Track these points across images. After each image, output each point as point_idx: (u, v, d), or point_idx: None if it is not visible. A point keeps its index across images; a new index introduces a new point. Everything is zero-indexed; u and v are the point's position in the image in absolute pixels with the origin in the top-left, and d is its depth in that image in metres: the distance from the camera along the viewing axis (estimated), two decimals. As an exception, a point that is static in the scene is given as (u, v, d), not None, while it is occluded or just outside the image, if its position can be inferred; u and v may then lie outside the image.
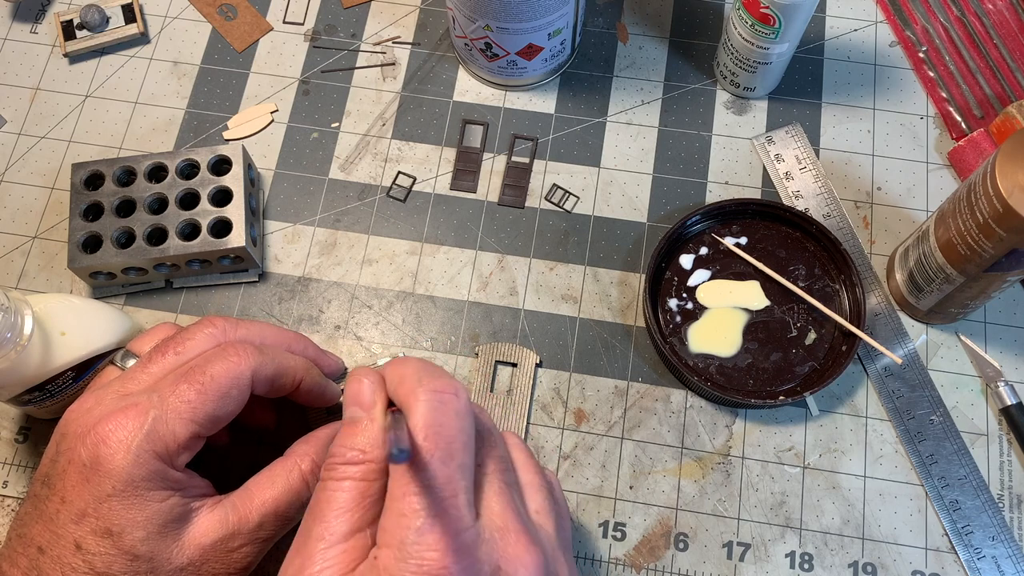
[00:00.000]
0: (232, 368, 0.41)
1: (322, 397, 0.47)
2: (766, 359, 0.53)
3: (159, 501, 0.39)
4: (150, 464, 0.38)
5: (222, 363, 0.41)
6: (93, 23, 0.62)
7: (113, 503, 0.38)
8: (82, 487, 0.38)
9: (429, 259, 0.57)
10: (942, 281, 0.50)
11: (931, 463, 0.52)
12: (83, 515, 0.38)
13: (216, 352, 0.41)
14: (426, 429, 0.33)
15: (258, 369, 0.42)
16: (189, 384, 0.40)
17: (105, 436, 0.38)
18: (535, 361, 0.54)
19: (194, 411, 0.39)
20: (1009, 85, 0.60)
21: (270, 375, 0.42)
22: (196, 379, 0.40)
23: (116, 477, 0.38)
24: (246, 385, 0.41)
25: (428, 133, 0.61)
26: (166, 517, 0.39)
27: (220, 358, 0.41)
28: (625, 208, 0.58)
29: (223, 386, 0.40)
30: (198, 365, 0.41)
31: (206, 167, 0.55)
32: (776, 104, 0.61)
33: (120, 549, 0.38)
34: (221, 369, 0.40)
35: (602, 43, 0.63)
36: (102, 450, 0.38)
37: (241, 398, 0.41)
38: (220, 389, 0.40)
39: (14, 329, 0.43)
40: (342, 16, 0.64)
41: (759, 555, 0.50)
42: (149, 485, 0.38)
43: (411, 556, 0.32)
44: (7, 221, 0.58)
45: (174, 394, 0.39)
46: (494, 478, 0.36)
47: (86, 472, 0.38)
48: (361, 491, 0.35)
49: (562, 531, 0.38)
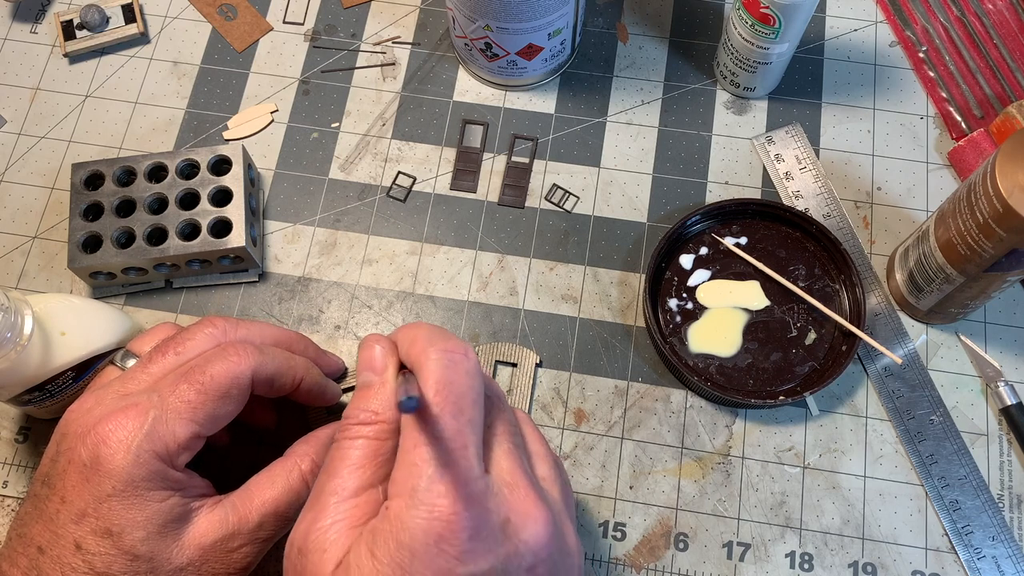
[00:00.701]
0: (232, 368, 0.41)
1: (322, 397, 0.47)
2: (766, 359, 0.53)
3: (159, 501, 0.39)
4: (150, 464, 0.38)
5: (222, 363, 0.41)
6: (93, 23, 0.62)
7: (113, 503, 0.38)
8: (82, 487, 0.38)
9: (429, 259, 0.57)
10: (942, 281, 0.50)
11: (931, 463, 0.52)
12: (83, 515, 0.38)
13: (216, 352, 0.41)
14: (436, 385, 0.34)
15: (258, 369, 0.42)
16: (189, 384, 0.40)
17: (105, 436, 0.38)
18: (535, 361, 0.54)
19: (194, 411, 0.39)
20: (1009, 85, 0.60)
21: (270, 375, 0.42)
22: (196, 379, 0.40)
23: (116, 477, 0.38)
24: (246, 385, 0.41)
25: (428, 133, 0.61)
26: (166, 517, 0.39)
27: (220, 358, 0.41)
28: (625, 208, 0.58)
29: (223, 386, 0.40)
30: (198, 365, 0.41)
31: (206, 167, 0.55)
32: (776, 104, 0.61)
33: (120, 549, 0.38)
34: (221, 369, 0.41)
35: (602, 43, 0.63)
36: (102, 450, 0.38)
37: (241, 398, 0.42)
38: (220, 389, 0.40)
39: (14, 329, 0.43)
40: (342, 16, 0.64)
41: (759, 555, 0.50)
42: (149, 485, 0.38)
43: (422, 503, 0.32)
44: (7, 221, 0.58)
45: (174, 394, 0.40)
46: (503, 439, 0.36)
47: (86, 472, 0.38)
48: (373, 449, 0.36)
49: (567, 500, 0.38)
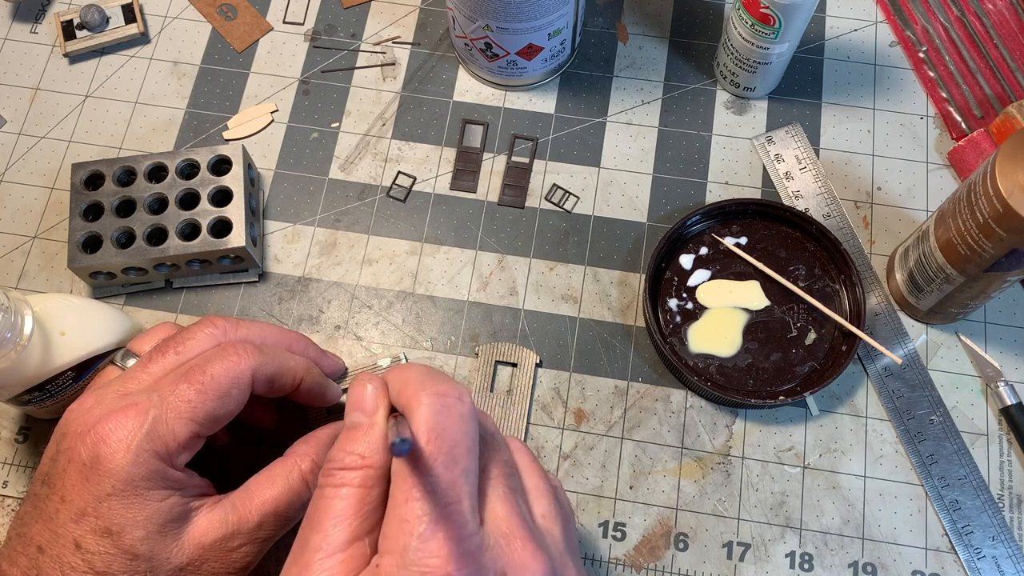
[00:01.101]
0: (232, 367, 0.41)
1: (322, 397, 0.47)
2: (766, 359, 0.53)
3: (159, 500, 0.39)
4: (150, 463, 0.38)
5: (222, 363, 0.41)
6: (93, 23, 0.62)
7: (113, 502, 0.38)
8: (82, 486, 0.38)
9: (429, 259, 0.57)
10: (942, 281, 0.50)
11: (931, 463, 0.52)
12: (83, 514, 0.38)
13: (216, 352, 0.41)
14: (429, 432, 0.32)
15: (258, 368, 0.42)
16: (189, 384, 0.40)
17: (105, 435, 0.38)
18: (535, 361, 0.54)
19: (194, 410, 0.40)
20: (1009, 85, 0.60)
21: (270, 375, 0.42)
22: (196, 379, 0.40)
23: (116, 476, 0.38)
24: (246, 385, 0.41)
25: (428, 133, 0.61)
26: (166, 516, 0.39)
27: (220, 358, 0.41)
28: (625, 208, 0.58)
29: (223, 386, 0.40)
30: (198, 365, 0.41)
31: (206, 167, 0.55)
32: (776, 104, 0.61)
33: (120, 548, 0.38)
34: (221, 368, 0.41)
35: (602, 43, 0.63)
36: (102, 449, 0.38)
37: (241, 398, 0.42)
38: (220, 389, 0.40)
39: (14, 329, 0.43)
40: (342, 16, 0.64)
41: (759, 555, 0.50)
42: (149, 484, 0.38)
43: (413, 563, 0.31)
44: (7, 221, 0.58)
45: (174, 393, 0.40)
46: (498, 483, 0.35)
47: (86, 471, 0.38)
48: (360, 498, 0.34)
49: (569, 535, 0.38)
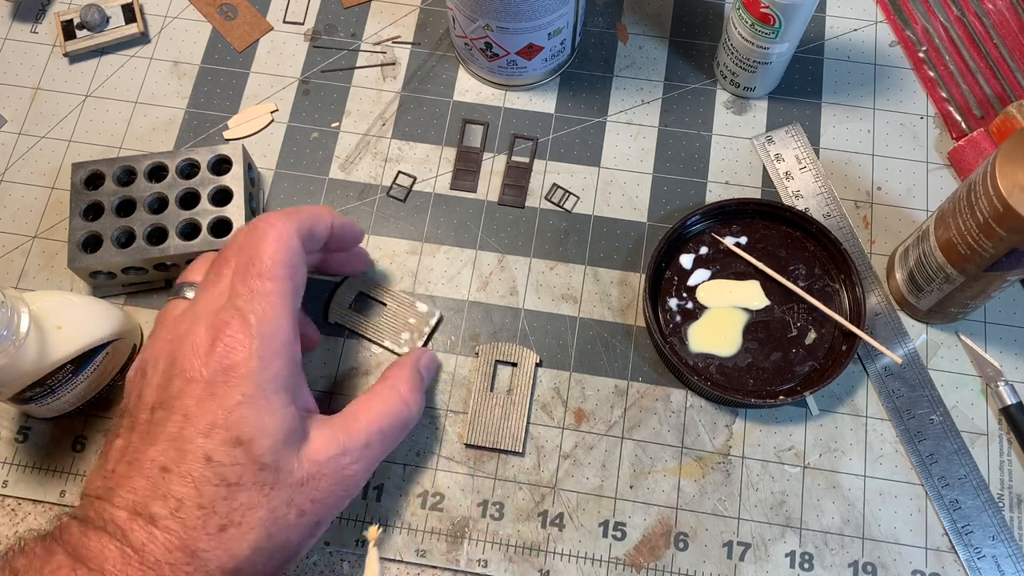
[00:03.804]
0: (278, 240, 0.42)
1: (355, 235, 0.50)
2: (766, 359, 0.53)
3: (283, 406, 0.40)
4: (273, 364, 0.40)
5: (267, 240, 0.42)
6: (93, 23, 0.62)
7: (244, 410, 0.39)
8: (208, 401, 0.39)
9: (429, 259, 0.57)
10: (942, 281, 0.50)
11: (931, 463, 0.52)
12: (212, 427, 0.39)
13: (253, 233, 0.43)
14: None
15: (299, 227, 0.44)
16: (259, 278, 0.41)
17: (228, 348, 0.40)
18: (535, 361, 0.54)
19: (281, 297, 0.42)
20: (1009, 85, 0.60)
21: (309, 227, 0.45)
22: (257, 271, 0.42)
23: (245, 382, 0.39)
24: (299, 249, 0.43)
25: (428, 133, 0.61)
26: (289, 425, 0.40)
27: (262, 237, 0.43)
28: (625, 208, 0.58)
29: (284, 262, 0.42)
30: (249, 259, 0.42)
31: (206, 167, 0.55)
32: (776, 104, 0.61)
33: (250, 457, 0.39)
34: (271, 249, 0.42)
35: (602, 43, 0.63)
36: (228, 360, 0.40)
37: (302, 262, 0.44)
38: (285, 266, 0.42)
39: (10, 326, 0.43)
40: (342, 16, 0.64)
41: (759, 555, 0.50)
42: (275, 386, 0.40)
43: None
44: (7, 221, 0.58)
45: (254, 294, 0.41)
46: None
47: (211, 387, 0.39)
48: None
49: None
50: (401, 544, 0.50)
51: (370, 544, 0.45)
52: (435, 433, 0.53)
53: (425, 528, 0.51)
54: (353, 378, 0.54)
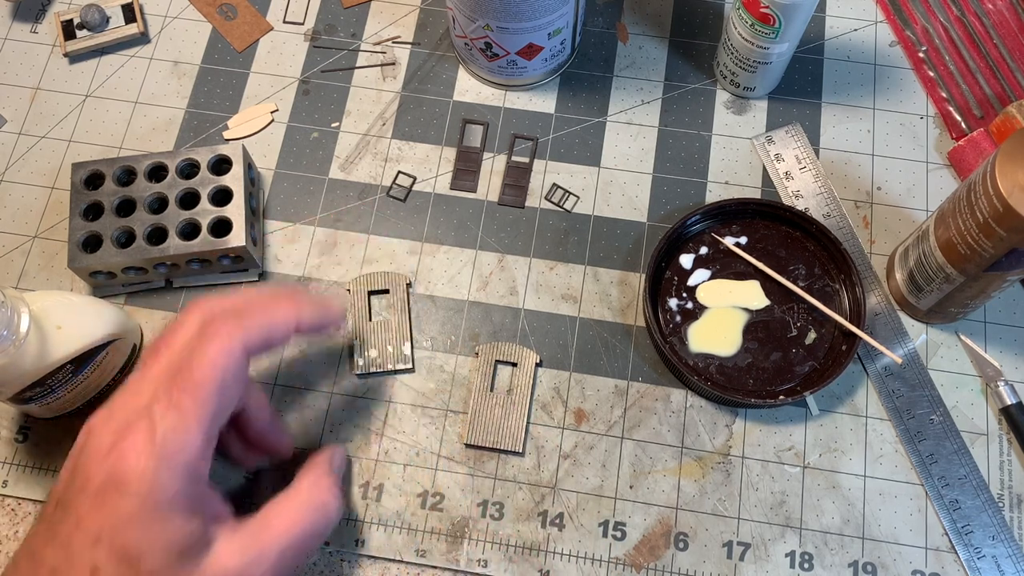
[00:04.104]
0: (218, 353, 0.39)
1: (326, 325, 0.46)
2: (766, 359, 0.53)
3: (179, 524, 0.38)
4: (168, 481, 0.38)
5: (207, 352, 0.39)
6: (93, 23, 0.62)
7: (133, 525, 0.37)
8: (97, 511, 0.37)
9: (429, 259, 0.57)
10: (942, 281, 0.50)
11: (931, 463, 0.52)
12: (99, 539, 0.37)
13: (199, 339, 0.40)
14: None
15: (247, 340, 0.40)
16: (182, 389, 0.39)
17: (121, 455, 0.37)
18: (535, 361, 0.54)
19: (198, 415, 0.39)
20: (1009, 85, 0.60)
21: (263, 338, 0.41)
22: (187, 381, 0.39)
23: (135, 498, 0.37)
24: (241, 363, 0.40)
25: (428, 133, 0.61)
26: (186, 541, 0.38)
27: (204, 346, 0.40)
28: (625, 208, 0.58)
29: (216, 377, 0.39)
30: (185, 364, 0.39)
31: (206, 167, 0.55)
32: (776, 104, 0.61)
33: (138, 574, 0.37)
34: (207, 359, 0.39)
35: (602, 43, 0.63)
36: (119, 469, 0.37)
37: (241, 376, 0.41)
38: (215, 381, 0.39)
39: (10, 326, 0.43)
40: (342, 16, 0.64)
41: (759, 555, 0.50)
42: (169, 504, 0.38)
43: None
44: (7, 221, 0.58)
45: (172, 403, 0.38)
46: None
47: (102, 495, 0.37)
48: None
49: None
50: (401, 544, 0.50)
51: None
52: (435, 433, 0.53)
53: (425, 528, 0.51)
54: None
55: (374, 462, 0.52)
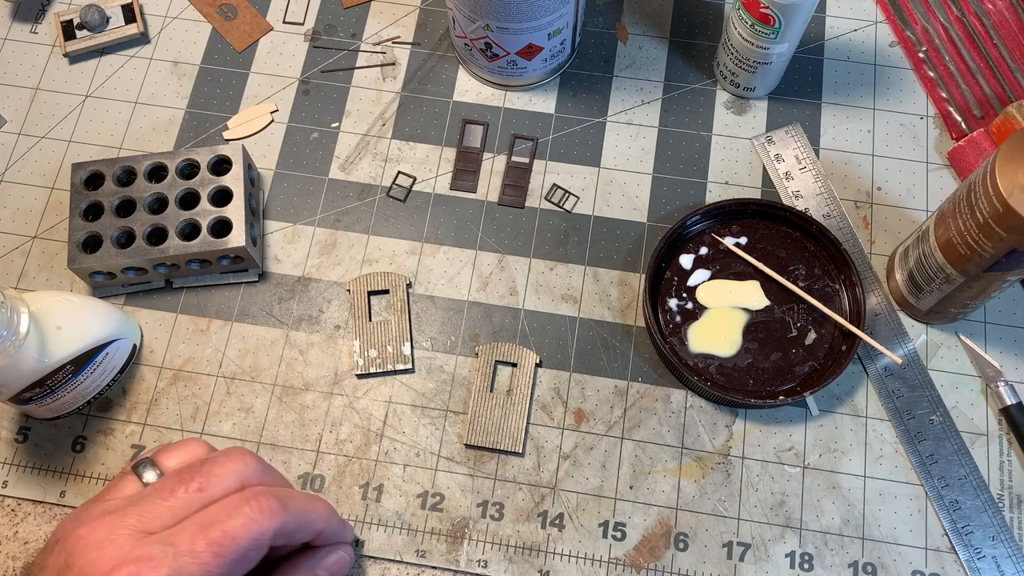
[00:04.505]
0: (254, 527, 0.39)
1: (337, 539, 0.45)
2: (766, 359, 0.53)
3: None
4: None
5: (244, 519, 0.38)
6: (93, 23, 0.62)
7: None
8: None
9: (429, 259, 0.57)
10: (942, 281, 0.50)
11: (931, 463, 0.52)
12: None
13: (239, 502, 0.39)
14: None
15: (280, 528, 0.40)
16: (208, 543, 0.37)
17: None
18: (535, 361, 0.54)
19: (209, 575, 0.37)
20: (1009, 85, 0.60)
21: (291, 531, 0.41)
22: (215, 537, 0.38)
23: None
24: (266, 545, 0.39)
25: (428, 133, 0.61)
26: None
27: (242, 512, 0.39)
28: (625, 208, 0.58)
29: (242, 548, 0.38)
30: (219, 519, 0.38)
31: (206, 167, 0.55)
32: (776, 104, 0.61)
33: None
34: (242, 527, 0.38)
35: (602, 43, 0.63)
36: None
37: (259, 557, 0.40)
38: (239, 551, 0.38)
39: (10, 326, 0.43)
40: (342, 16, 0.64)
41: (759, 555, 0.50)
42: None
43: None
44: (7, 221, 0.58)
45: (191, 552, 0.37)
46: None
47: None
48: None
49: None
50: (401, 544, 0.50)
51: None
52: (435, 433, 0.53)
53: (425, 528, 0.51)
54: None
55: (374, 462, 0.52)
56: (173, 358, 0.55)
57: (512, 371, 0.54)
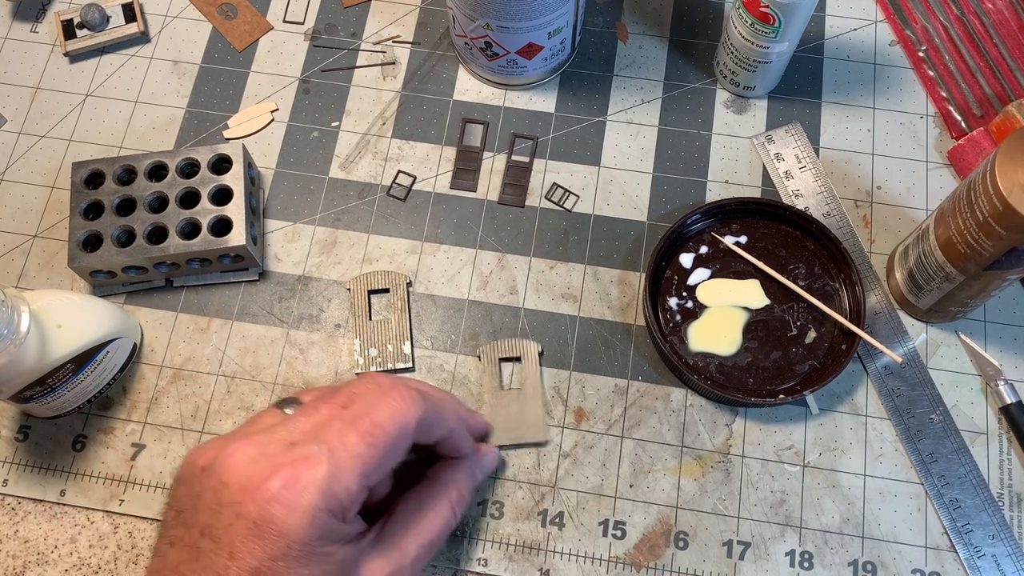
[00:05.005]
0: (399, 415, 0.40)
1: (459, 450, 0.47)
2: (766, 358, 0.53)
3: (332, 556, 0.38)
4: (325, 524, 0.37)
5: (388, 408, 0.40)
6: (93, 22, 0.62)
7: (289, 562, 0.37)
8: (253, 543, 0.37)
9: (429, 258, 0.57)
10: (942, 280, 0.50)
11: (931, 462, 0.52)
12: (257, 572, 0.36)
13: (380, 396, 0.40)
14: None
15: (422, 416, 0.41)
16: (359, 435, 0.39)
17: (277, 494, 0.37)
18: (537, 350, 0.54)
19: (365, 464, 0.38)
20: (1009, 84, 0.60)
21: (430, 422, 0.42)
22: (364, 428, 0.39)
23: (292, 537, 0.37)
24: (411, 433, 0.40)
25: (428, 132, 0.61)
26: (339, 570, 0.38)
27: (385, 402, 0.40)
28: (625, 207, 0.58)
29: (391, 436, 0.39)
30: (364, 411, 0.40)
31: (206, 166, 0.55)
32: (776, 103, 0.61)
33: None
34: (388, 415, 0.39)
35: (602, 42, 0.63)
36: (275, 509, 0.36)
37: (407, 446, 0.41)
38: (388, 439, 0.39)
39: (11, 325, 0.43)
40: (342, 15, 0.64)
41: (759, 553, 0.50)
42: (324, 542, 0.38)
43: None
44: (7, 220, 0.58)
45: (344, 446, 0.38)
46: None
47: (257, 530, 0.37)
48: None
49: None
50: (401, 543, 0.50)
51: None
52: (435, 432, 0.53)
53: (425, 527, 0.51)
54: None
55: (374, 461, 0.52)
56: (173, 357, 0.55)
57: (516, 366, 0.54)
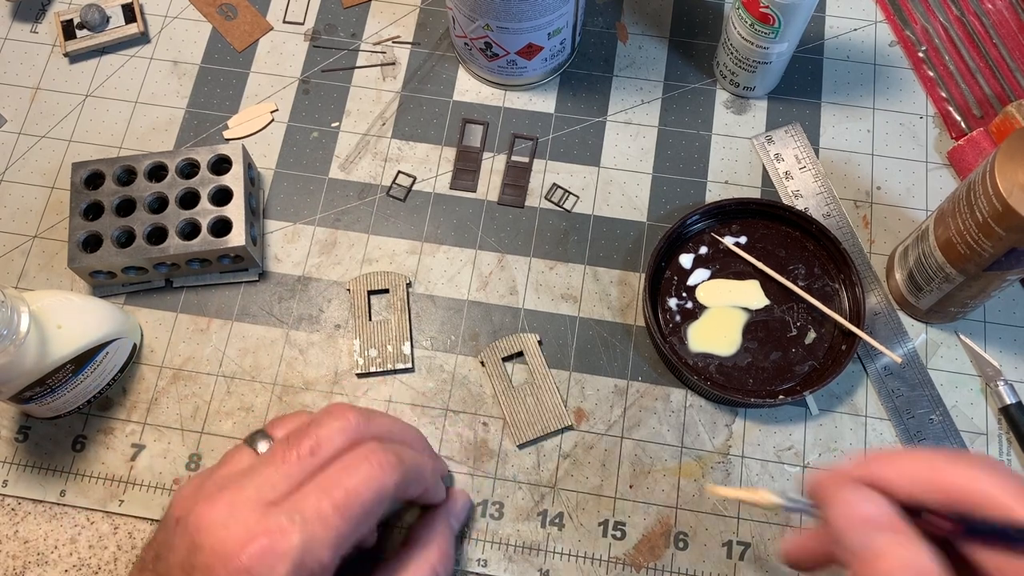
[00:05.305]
0: (375, 483, 0.39)
1: (433, 501, 0.47)
2: (766, 358, 0.53)
3: None
4: None
5: (364, 475, 0.39)
6: (93, 23, 0.62)
7: None
8: None
9: (429, 258, 0.57)
10: (942, 280, 0.50)
11: (931, 462, 0.52)
12: None
13: (356, 459, 0.39)
14: None
15: (400, 482, 0.40)
16: (333, 506, 0.38)
17: (249, 566, 0.36)
18: (536, 340, 0.54)
19: (339, 536, 0.38)
20: (1009, 85, 0.60)
21: (408, 485, 0.41)
22: (338, 499, 0.38)
23: None
24: (389, 499, 0.40)
25: (428, 132, 0.61)
26: None
27: (360, 468, 0.39)
28: (625, 207, 0.58)
29: (367, 504, 0.39)
30: (338, 479, 0.39)
31: (206, 166, 0.55)
32: (776, 104, 0.61)
33: None
34: (363, 483, 0.39)
35: (602, 43, 0.63)
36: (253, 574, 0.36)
37: (382, 512, 0.40)
38: (364, 508, 0.39)
39: (10, 325, 0.43)
40: (342, 16, 0.64)
41: (759, 554, 0.50)
42: None
43: None
44: (7, 221, 0.58)
45: (318, 517, 0.37)
46: None
47: None
48: None
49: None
50: (401, 543, 0.50)
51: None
52: (435, 432, 0.53)
53: (425, 527, 0.51)
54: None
55: (374, 462, 0.52)
56: (173, 357, 0.55)
57: (519, 364, 0.54)
